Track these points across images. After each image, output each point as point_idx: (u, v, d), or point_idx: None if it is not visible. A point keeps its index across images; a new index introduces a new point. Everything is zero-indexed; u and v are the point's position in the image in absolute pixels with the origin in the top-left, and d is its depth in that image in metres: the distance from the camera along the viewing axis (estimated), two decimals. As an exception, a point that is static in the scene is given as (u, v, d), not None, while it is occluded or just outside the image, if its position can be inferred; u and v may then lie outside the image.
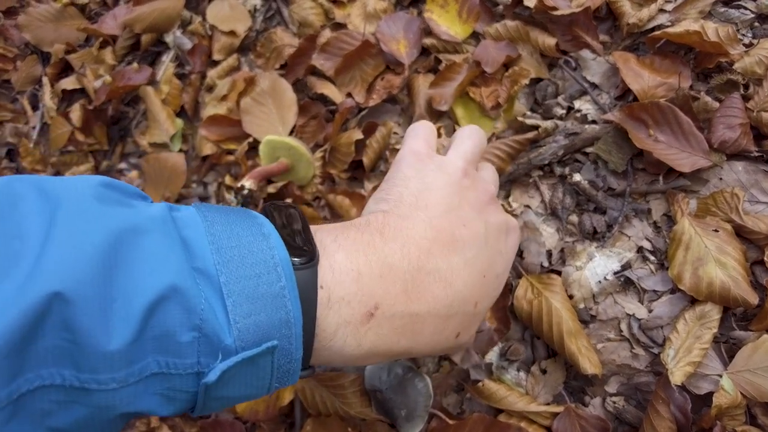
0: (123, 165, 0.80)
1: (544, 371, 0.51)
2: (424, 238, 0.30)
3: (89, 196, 0.20)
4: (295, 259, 0.24)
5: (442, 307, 0.29)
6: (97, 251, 0.19)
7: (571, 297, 0.52)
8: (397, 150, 0.62)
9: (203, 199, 0.72)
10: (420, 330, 0.29)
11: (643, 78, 0.58)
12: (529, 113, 0.63)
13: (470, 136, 0.42)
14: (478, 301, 0.32)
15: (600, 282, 0.52)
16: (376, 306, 0.26)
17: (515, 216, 0.57)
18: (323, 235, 0.28)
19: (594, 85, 0.63)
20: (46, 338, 0.17)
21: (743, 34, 0.59)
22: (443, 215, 0.32)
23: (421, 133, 0.41)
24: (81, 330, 0.18)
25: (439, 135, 0.62)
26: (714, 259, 0.48)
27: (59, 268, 0.17)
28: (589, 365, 0.47)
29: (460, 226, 0.32)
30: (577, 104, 0.62)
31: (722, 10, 0.61)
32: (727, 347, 0.46)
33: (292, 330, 0.23)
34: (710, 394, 0.43)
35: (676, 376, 0.44)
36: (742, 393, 0.43)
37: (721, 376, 0.44)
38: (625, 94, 0.60)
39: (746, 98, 0.53)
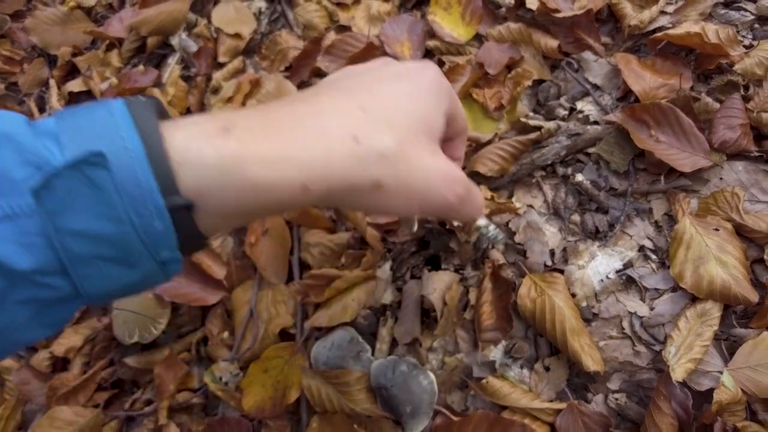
0: (130, 166, 0.81)
1: (547, 368, 0.52)
2: None
3: None
4: (136, 108, 0.24)
5: (310, 95, 0.28)
6: None
7: (573, 295, 0.53)
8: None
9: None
10: (289, 125, 0.26)
11: (644, 79, 0.59)
12: (531, 114, 0.64)
13: None
14: (362, 99, 0.28)
15: (602, 280, 0.53)
16: (231, 122, 0.25)
17: (518, 215, 0.58)
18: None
19: (596, 87, 0.63)
20: None
21: (743, 36, 0.59)
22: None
23: None
24: None
25: None
26: (715, 258, 0.48)
27: None
28: (591, 362, 0.48)
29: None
30: (579, 105, 0.62)
31: (722, 11, 0.61)
32: (727, 344, 0.47)
33: (132, 153, 0.22)
34: (711, 391, 0.44)
35: (678, 373, 0.45)
36: (742, 389, 0.44)
37: (721, 372, 0.45)
38: (626, 95, 0.61)
39: (746, 99, 0.54)
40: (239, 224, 0.29)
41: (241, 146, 0.24)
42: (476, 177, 0.59)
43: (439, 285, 0.54)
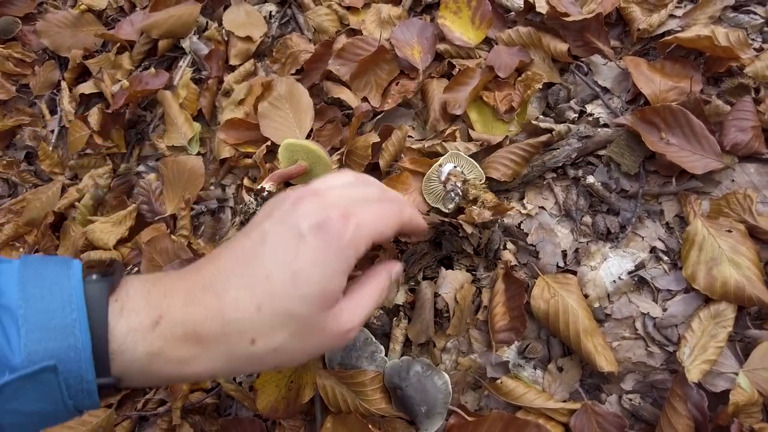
0: (141, 168, 0.82)
1: (560, 369, 0.52)
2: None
3: None
4: (93, 276, 0.30)
5: (222, 284, 0.32)
6: None
7: (586, 296, 0.53)
8: (412, 151, 0.63)
9: (222, 201, 0.73)
10: (204, 336, 0.31)
11: (654, 82, 0.59)
12: (542, 117, 0.64)
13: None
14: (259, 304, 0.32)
15: (614, 281, 0.53)
16: (161, 316, 0.30)
17: (530, 217, 0.58)
18: (133, 277, 0.33)
19: (605, 90, 0.64)
20: None
21: (753, 39, 0.60)
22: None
23: None
24: None
25: (454, 139, 0.64)
26: (728, 259, 0.49)
27: None
28: (605, 363, 0.48)
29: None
30: (589, 108, 0.63)
31: (732, 15, 0.62)
32: (742, 345, 0.47)
33: (81, 354, 0.27)
34: (726, 392, 0.44)
35: (693, 374, 0.45)
36: (758, 391, 0.44)
37: (736, 374, 0.45)
38: (636, 98, 0.62)
39: (757, 101, 0.55)
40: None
41: (165, 344, 0.30)
42: (489, 182, 0.60)
43: (452, 284, 0.55)
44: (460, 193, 0.56)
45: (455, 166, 0.58)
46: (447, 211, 0.58)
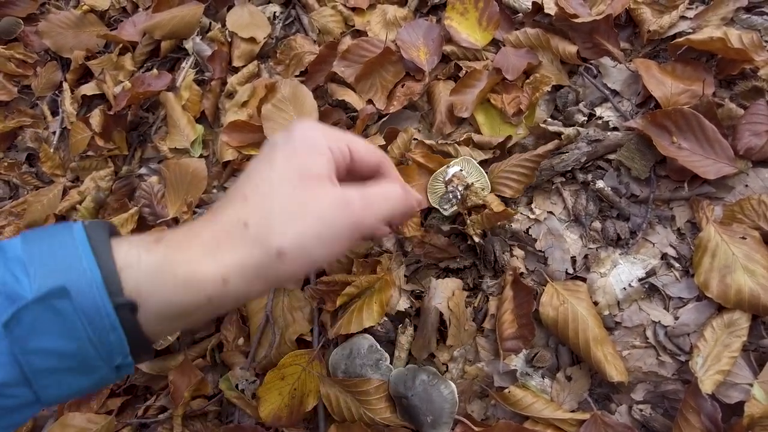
0: (143, 170, 0.81)
1: (569, 378, 0.51)
2: None
3: None
4: (92, 222, 0.30)
5: (217, 210, 0.32)
6: None
7: (595, 304, 0.52)
8: (423, 145, 0.62)
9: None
10: (198, 232, 0.31)
11: (665, 85, 0.58)
12: (550, 120, 0.63)
13: None
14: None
15: (625, 289, 0.52)
16: (162, 236, 0.31)
17: (538, 222, 0.57)
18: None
19: (615, 92, 0.63)
20: None
21: (767, 41, 0.59)
22: None
23: None
24: None
25: (468, 144, 0.63)
26: (742, 267, 0.48)
27: None
28: (615, 372, 0.47)
29: None
30: (598, 111, 0.62)
31: (745, 16, 0.61)
32: (756, 356, 0.46)
33: (89, 276, 0.27)
34: (741, 404, 0.43)
35: (706, 385, 0.44)
36: (773, 402, 0.43)
37: (751, 385, 0.44)
38: (646, 101, 0.61)
39: (771, 105, 0.53)
40: (180, 326, 0.32)
41: (169, 251, 0.30)
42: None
43: (443, 293, 0.54)
44: (459, 197, 0.55)
45: (461, 170, 0.57)
46: (444, 213, 0.57)
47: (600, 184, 0.56)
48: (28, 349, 0.26)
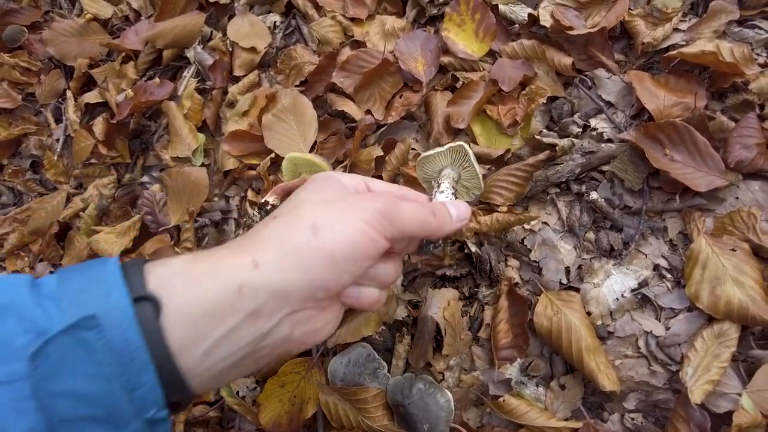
0: (145, 178, 0.82)
1: (562, 387, 0.52)
2: None
3: None
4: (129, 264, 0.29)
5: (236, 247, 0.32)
6: None
7: (589, 314, 0.53)
8: (411, 168, 0.63)
9: (225, 212, 0.73)
10: (224, 251, 0.31)
11: (658, 97, 0.59)
12: (545, 131, 0.64)
13: None
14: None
15: (617, 299, 0.53)
16: (191, 255, 0.30)
17: (533, 232, 0.58)
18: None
19: (609, 104, 0.64)
20: None
21: (758, 54, 0.60)
22: None
23: None
24: None
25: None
26: (732, 278, 0.49)
27: None
28: (607, 382, 0.48)
29: None
30: (593, 122, 0.63)
31: (737, 30, 0.62)
32: (745, 366, 0.47)
33: (117, 301, 0.26)
34: (730, 413, 0.44)
35: (696, 395, 0.45)
36: (761, 412, 0.44)
37: (740, 395, 0.45)
38: (640, 113, 0.61)
39: (762, 118, 0.54)
40: (214, 338, 0.29)
41: (194, 256, 0.30)
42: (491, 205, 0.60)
43: (439, 303, 0.55)
44: (446, 193, 0.53)
45: (454, 163, 0.55)
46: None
47: (594, 195, 0.57)
48: (53, 392, 0.24)
